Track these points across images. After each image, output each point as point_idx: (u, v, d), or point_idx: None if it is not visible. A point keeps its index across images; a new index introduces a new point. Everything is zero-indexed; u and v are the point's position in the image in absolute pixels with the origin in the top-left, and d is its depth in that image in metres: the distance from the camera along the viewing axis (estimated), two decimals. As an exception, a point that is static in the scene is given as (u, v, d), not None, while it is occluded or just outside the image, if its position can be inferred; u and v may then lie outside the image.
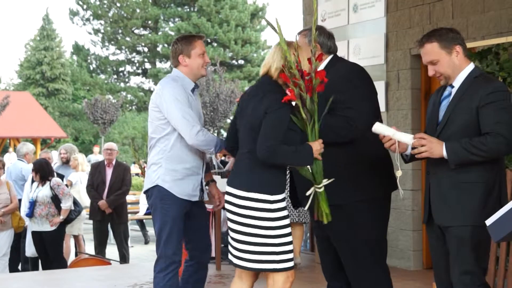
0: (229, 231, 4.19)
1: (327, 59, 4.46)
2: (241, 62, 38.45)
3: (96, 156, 19.17)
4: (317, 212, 4.13)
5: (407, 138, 3.81)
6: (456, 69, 3.88)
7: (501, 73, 6.20)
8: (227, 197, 4.17)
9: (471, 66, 3.91)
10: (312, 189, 4.11)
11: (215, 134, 18.20)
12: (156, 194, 4.68)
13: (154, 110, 4.71)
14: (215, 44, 36.89)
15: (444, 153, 3.71)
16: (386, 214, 4.43)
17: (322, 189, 4.08)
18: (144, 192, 4.83)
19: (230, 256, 4.21)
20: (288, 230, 4.10)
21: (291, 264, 4.10)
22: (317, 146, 4.00)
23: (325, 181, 4.07)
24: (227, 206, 4.18)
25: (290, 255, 4.09)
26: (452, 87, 3.91)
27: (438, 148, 3.72)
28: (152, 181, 4.70)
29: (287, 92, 4.00)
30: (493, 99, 3.71)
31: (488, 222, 3.46)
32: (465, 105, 3.77)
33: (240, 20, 37.24)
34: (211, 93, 23.07)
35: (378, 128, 3.90)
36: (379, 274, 4.35)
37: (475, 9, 6.72)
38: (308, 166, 4.07)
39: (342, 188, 4.20)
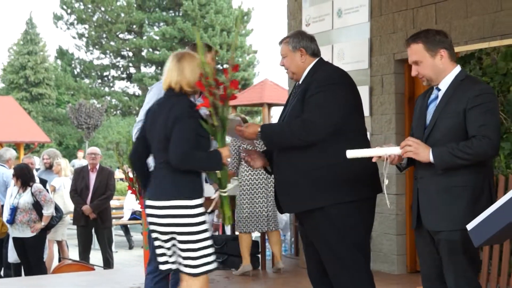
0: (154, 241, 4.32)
1: (313, 62, 4.45)
2: (226, 66, 38.47)
3: (80, 161, 19.08)
4: (222, 215, 4.37)
5: (396, 150, 3.76)
6: (440, 72, 3.87)
7: (484, 78, 6.24)
8: (148, 211, 4.23)
9: (457, 69, 3.90)
10: (217, 193, 4.33)
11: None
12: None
13: None
14: (200, 49, 36.90)
15: (431, 158, 3.70)
16: (370, 217, 4.40)
17: (226, 194, 4.34)
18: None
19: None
20: (207, 234, 4.20)
21: (209, 267, 4.20)
22: (225, 152, 4.22)
23: (230, 186, 4.35)
24: (149, 219, 4.23)
25: (209, 258, 4.19)
26: (439, 90, 3.90)
27: (424, 152, 3.72)
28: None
29: (201, 99, 4.23)
30: (479, 102, 3.70)
31: (469, 226, 3.47)
32: (452, 108, 3.76)
33: (225, 25, 37.26)
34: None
35: (351, 154, 3.83)
36: (363, 278, 4.33)
37: (458, 15, 6.76)
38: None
39: (324, 189, 4.20)
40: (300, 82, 4.44)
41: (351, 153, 3.78)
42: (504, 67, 6.13)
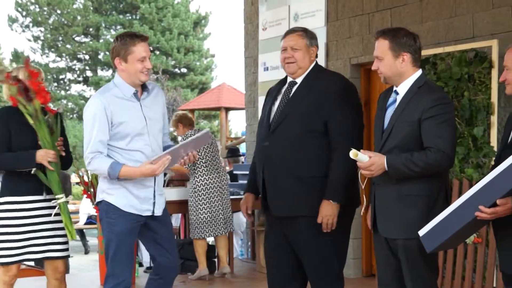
0: None
1: (314, 63, 4.45)
2: (184, 70, 38.27)
3: (36, 165, 18.79)
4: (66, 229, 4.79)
5: (365, 158, 3.74)
6: (398, 74, 3.85)
7: (438, 83, 6.30)
8: None
9: (416, 75, 3.87)
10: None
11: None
12: (102, 207, 4.42)
13: None
14: (157, 52, 36.66)
15: (386, 167, 3.70)
16: (350, 225, 4.49)
17: (61, 201, 4.75)
18: (96, 205, 4.60)
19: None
20: (14, 229, 4.73)
21: (5, 260, 4.76)
22: (41, 153, 4.64)
23: (60, 197, 4.75)
24: None
25: (5, 252, 4.75)
26: (397, 93, 3.89)
27: (380, 167, 3.70)
28: (99, 196, 4.46)
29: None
30: (434, 113, 3.68)
31: (421, 232, 3.48)
32: (408, 117, 3.75)
33: (183, 28, 37.11)
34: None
35: (353, 153, 3.74)
36: (341, 284, 4.41)
37: (413, 20, 6.83)
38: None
39: (315, 198, 4.22)
40: (297, 82, 4.40)
41: (353, 153, 3.71)
42: (458, 72, 6.20)
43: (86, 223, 13.87)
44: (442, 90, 3.98)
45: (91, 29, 38.28)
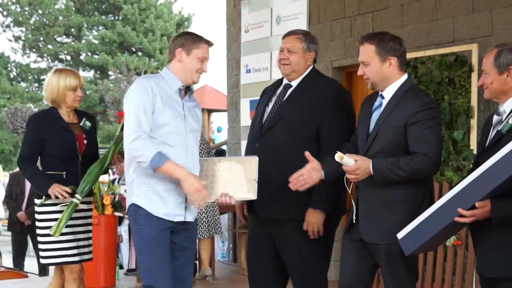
0: None
1: (311, 67, 4.45)
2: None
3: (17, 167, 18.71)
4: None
5: (351, 162, 3.73)
6: (385, 79, 3.84)
7: (419, 86, 6.34)
8: None
9: (403, 79, 3.87)
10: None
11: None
12: (131, 214, 4.08)
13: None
14: (140, 54, 36.57)
15: (371, 171, 3.70)
16: (334, 231, 4.50)
17: (75, 201, 4.84)
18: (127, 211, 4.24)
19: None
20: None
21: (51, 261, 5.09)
22: (55, 188, 4.87)
23: (78, 197, 4.84)
24: None
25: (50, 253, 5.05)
26: (383, 97, 3.88)
27: (366, 171, 3.70)
28: (129, 201, 4.10)
29: None
30: (421, 118, 3.69)
31: (400, 235, 3.50)
32: (394, 121, 3.75)
33: (166, 30, 37.02)
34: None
35: (339, 156, 3.70)
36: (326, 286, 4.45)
37: (394, 23, 6.87)
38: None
39: (302, 203, 4.23)
40: (292, 85, 4.40)
41: (338, 156, 3.68)
42: (439, 76, 6.24)
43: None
44: (428, 95, 3.99)
45: (72, 30, 38.10)
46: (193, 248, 4.33)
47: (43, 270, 9.68)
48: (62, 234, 4.85)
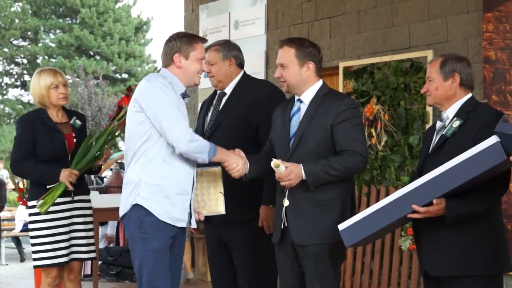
0: None
1: (240, 73, 4.54)
2: (125, 76, 37.95)
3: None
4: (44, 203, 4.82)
5: (282, 169, 3.75)
6: (302, 83, 3.93)
7: (375, 92, 6.40)
8: None
9: (319, 83, 3.97)
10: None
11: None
12: (135, 219, 3.85)
13: (134, 111, 3.89)
14: (98, 57, 36.30)
15: (303, 176, 3.75)
16: None
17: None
18: (121, 220, 4.04)
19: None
20: (47, 231, 4.90)
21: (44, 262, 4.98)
22: (65, 173, 4.86)
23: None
24: None
25: (42, 254, 4.97)
26: (301, 102, 3.95)
27: (298, 175, 3.74)
28: (129, 202, 3.88)
29: None
30: (346, 117, 3.79)
31: (341, 227, 3.56)
32: (319, 123, 3.82)
33: (124, 34, 36.79)
34: (93, 107, 22.63)
35: (274, 163, 3.75)
36: None
37: (351, 29, 6.92)
38: None
39: (251, 203, 4.33)
40: (226, 93, 4.49)
41: (274, 163, 3.72)
42: (395, 82, 6.31)
43: (22, 230, 13.59)
44: (349, 96, 4.11)
45: (29, 33, 37.66)
46: (182, 255, 4.18)
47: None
48: (55, 234, 4.94)
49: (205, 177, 4.12)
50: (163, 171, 3.83)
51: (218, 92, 4.57)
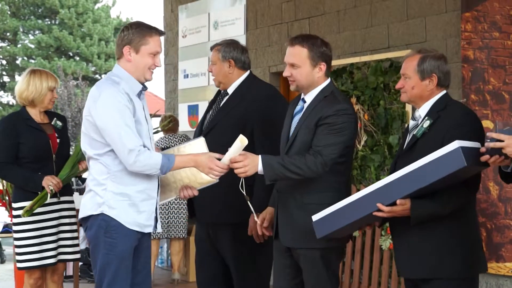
0: None
1: (243, 75, 4.47)
2: (104, 76, 37.91)
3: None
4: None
5: (240, 146, 3.70)
6: (313, 83, 3.82)
7: (355, 92, 6.42)
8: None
9: (324, 83, 3.85)
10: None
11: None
12: (99, 224, 3.75)
13: (89, 119, 3.77)
14: (77, 58, 36.13)
15: (260, 167, 3.65)
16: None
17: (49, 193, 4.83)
18: (80, 221, 3.93)
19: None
20: (31, 233, 4.94)
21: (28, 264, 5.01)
22: (48, 179, 4.85)
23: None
24: None
25: (27, 256, 4.99)
26: (304, 101, 3.88)
27: (254, 163, 3.65)
28: (92, 208, 3.78)
29: None
30: (329, 121, 3.68)
31: (315, 218, 3.54)
32: (308, 124, 3.76)
33: (104, 34, 36.64)
34: (73, 108, 22.52)
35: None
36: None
37: (331, 29, 6.93)
38: None
39: (239, 206, 4.23)
40: (228, 93, 4.46)
41: (241, 138, 3.69)
42: (374, 81, 6.32)
43: (2, 232, 13.50)
44: (348, 101, 3.94)
45: (8, 34, 37.40)
46: (150, 257, 4.09)
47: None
48: (42, 236, 4.97)
49: (189, 151, 4.03)
50: (128, 180, 3.75)
51: (222, 91, 4.55)
